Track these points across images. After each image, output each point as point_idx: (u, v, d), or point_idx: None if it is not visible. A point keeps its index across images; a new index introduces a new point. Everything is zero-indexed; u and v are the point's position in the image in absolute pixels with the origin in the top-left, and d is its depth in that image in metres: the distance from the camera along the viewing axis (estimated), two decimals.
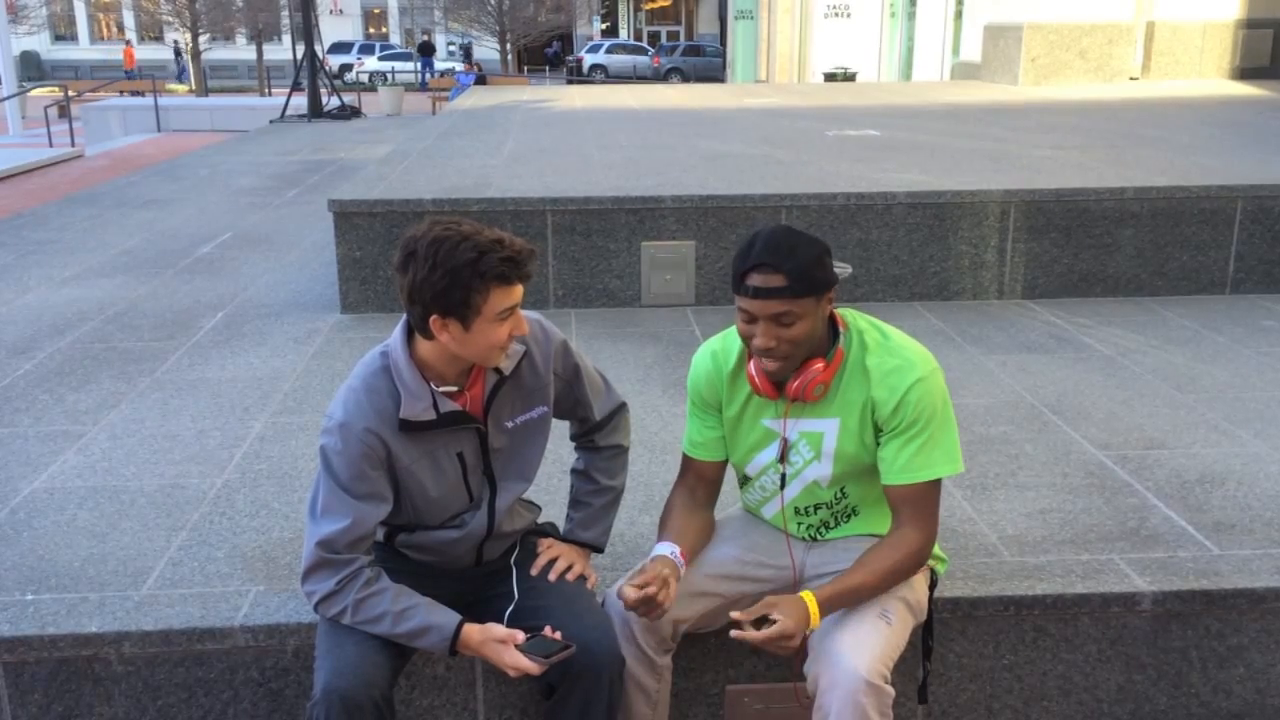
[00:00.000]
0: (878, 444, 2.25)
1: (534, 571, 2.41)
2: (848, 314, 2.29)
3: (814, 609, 2.13)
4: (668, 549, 2.29)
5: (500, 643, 2.17)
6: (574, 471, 2.57)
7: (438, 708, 2.61)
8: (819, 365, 2.21)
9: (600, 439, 2.52)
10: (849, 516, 2.39)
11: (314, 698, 2.10)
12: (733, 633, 2.10)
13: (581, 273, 5.21)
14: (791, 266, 2.08)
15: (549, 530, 2.59)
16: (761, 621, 2.10)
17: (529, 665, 2.13)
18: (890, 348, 2.23)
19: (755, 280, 2.10)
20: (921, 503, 2.22)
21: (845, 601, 2.19)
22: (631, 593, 2.15)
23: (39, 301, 5.44)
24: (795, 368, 2.21)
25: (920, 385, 2.18)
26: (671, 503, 2.45)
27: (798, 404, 2.27)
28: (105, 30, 50.92)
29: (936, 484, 2.23)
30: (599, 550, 2.55)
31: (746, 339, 2.19)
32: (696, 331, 4.84)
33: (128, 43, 39.06)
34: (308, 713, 2.11)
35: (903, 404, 2.18)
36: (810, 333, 2.16)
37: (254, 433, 3.69)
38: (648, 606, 2.16)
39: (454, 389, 2.22)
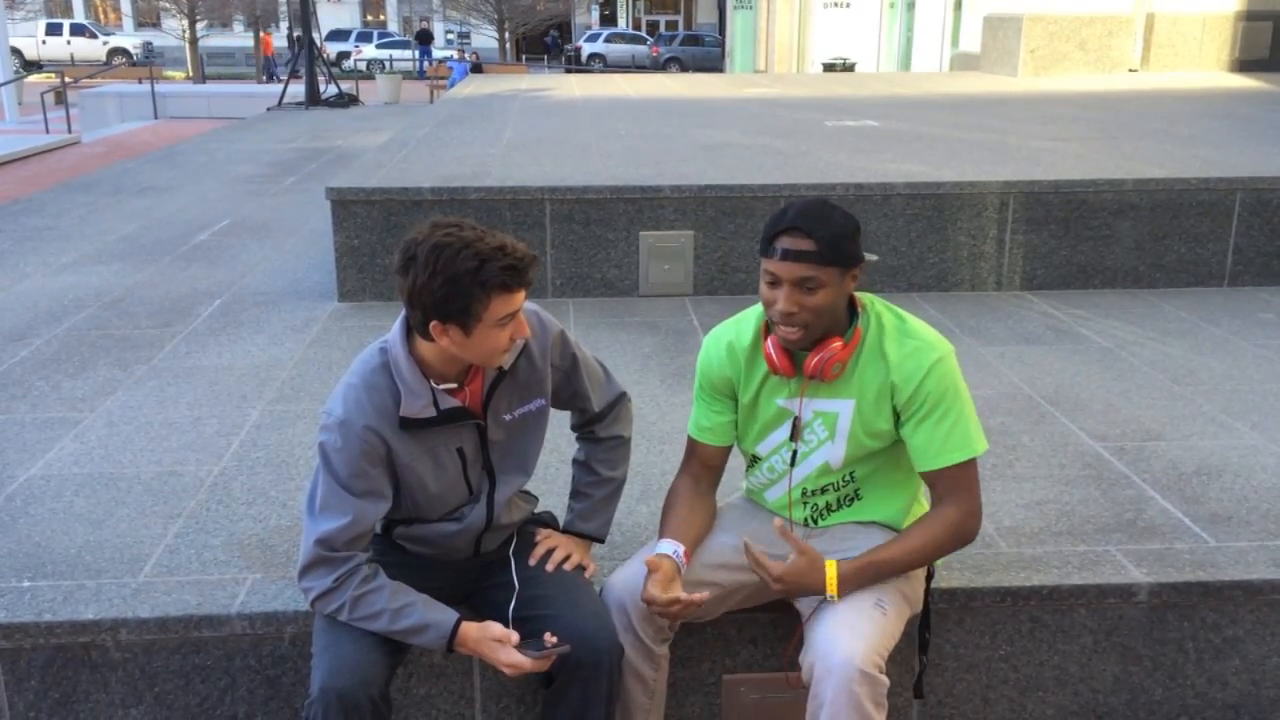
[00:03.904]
0: (897, 428, 2.27)
1: (532, 561, 2.41)
2: (865, 297, 2.32)
3: (832, 575, 2.18)
4: (671, 548, 2.30)
5: (497, 641, 2.16)
6: (575, 462, 2.57)
7: (435, 696, 2.61)
8: (837, 344, 2.22)
9: (600, 430, 2.51)
10: (852, 500, 2.40)
11: (311, 696, 2.10)
12: (745, 541, 2.25)
13: (580, 262, 5.21)
14: (823, 234, 2.12)
15: (547, 520, 2.59)
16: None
17: (524, 661, 2.13)
18: (907, 330, 2.26)
19: (785, 243, 2.13)
20: (960, 481, 2.23)
21: (873, 573, 2.22)
22: (657, 598, 2.21)
23: (35, 288, 5.43)
24: (813, 340, 2.22)
25: (940, 365, 2.20)
26: (675, 492, 2.45)
27: (814, 383, 2.28)
28: (103, 17, 50.77)
29: (972, 462, 2.24)
30: (600, 541, 2.55)
31: (768, 305, 2.19)
32: (695, 321, 4.83)
33: (266, 30, 37.62)
34: (305, 711, 2.11)
35: (923, 385, 2.20)
36: (831, 305, 2.17)
37: (251, 420, 3.68)
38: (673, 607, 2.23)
39: (453, 385, 2.21)
